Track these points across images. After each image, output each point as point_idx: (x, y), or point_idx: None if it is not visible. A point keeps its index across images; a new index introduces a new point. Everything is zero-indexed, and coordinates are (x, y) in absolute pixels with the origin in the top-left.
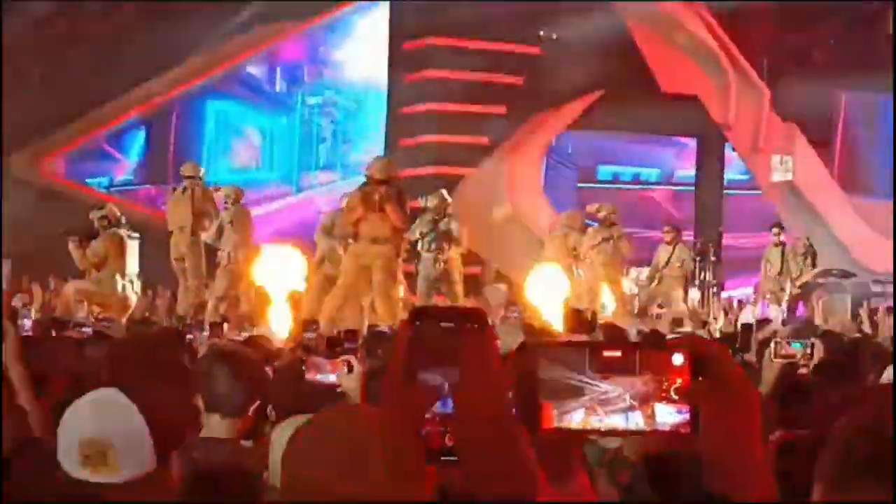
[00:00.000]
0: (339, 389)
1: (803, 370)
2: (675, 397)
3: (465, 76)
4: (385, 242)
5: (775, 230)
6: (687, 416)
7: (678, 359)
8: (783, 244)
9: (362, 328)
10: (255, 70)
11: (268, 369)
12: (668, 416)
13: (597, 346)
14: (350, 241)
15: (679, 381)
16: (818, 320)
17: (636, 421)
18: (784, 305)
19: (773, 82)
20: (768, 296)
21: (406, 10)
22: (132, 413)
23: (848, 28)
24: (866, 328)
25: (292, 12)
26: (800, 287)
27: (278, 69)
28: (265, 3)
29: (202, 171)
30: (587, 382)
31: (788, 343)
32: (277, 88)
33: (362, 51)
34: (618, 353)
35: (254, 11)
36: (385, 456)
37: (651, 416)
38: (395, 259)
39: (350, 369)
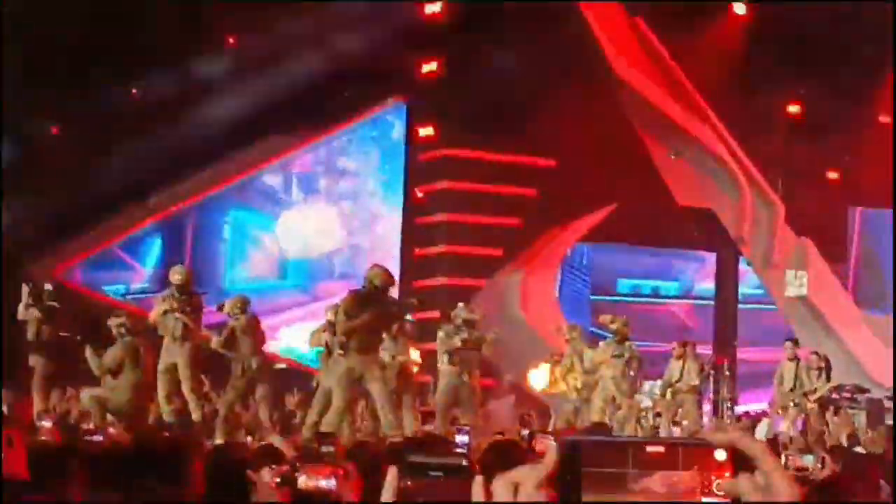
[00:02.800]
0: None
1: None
2: (719, 493)
3: (480, 188)
4: (375, 351)
5: (788, 344)
6: None
7: (721, 455)
8: (797, 359)
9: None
10: (271, 179)
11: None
12: None
13: (639, 443)
14: (338, 350)
15: (726, 475)
16: (830, 435)
17: None
18: (797, 420)
19: (788, 197)
20: (780, 411)
21: (422, 122)
22: None
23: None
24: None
25: (308, 122)
26: (814, 402)
27: (294, 178)
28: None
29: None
30: (631, 478)
31: (800, 455)
32: (294, 197)
33: (379, 162)
34: (661, 449)
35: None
36: None
37: None
38: (405, 368)
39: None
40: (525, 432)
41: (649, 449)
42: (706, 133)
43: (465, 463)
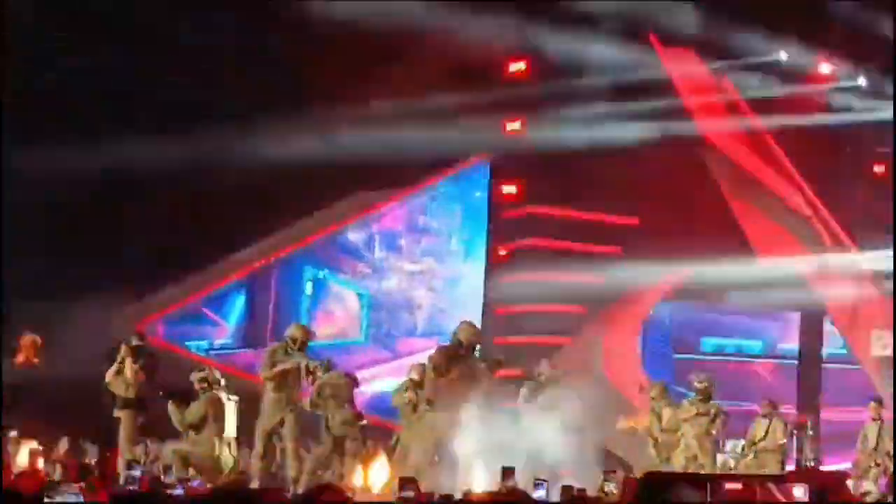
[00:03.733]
0: None
1: None
2: None
3: (563, 245)
4: (457, 410)
5: (873, 405)
6: None
7: (799, 491)
8: (881, 419)
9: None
10: (353, 236)
11: None
12: None
13: (718, 479)
14: (425, 406)
15: None
16: None
17: None
18: (881, 481)
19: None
20: (863, 471)
21: (506, 180)
22: None
23: None
24: None
25: (392, 180)
26: None
27: (377, 236)
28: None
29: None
30: None
31: None
32: (376, 255)
33: (461, 219)
34: (738, 486)
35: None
36: None
37: None
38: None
39: None
40: (609, 488)
41: (728, 485)
42: (788, 189)
43: None
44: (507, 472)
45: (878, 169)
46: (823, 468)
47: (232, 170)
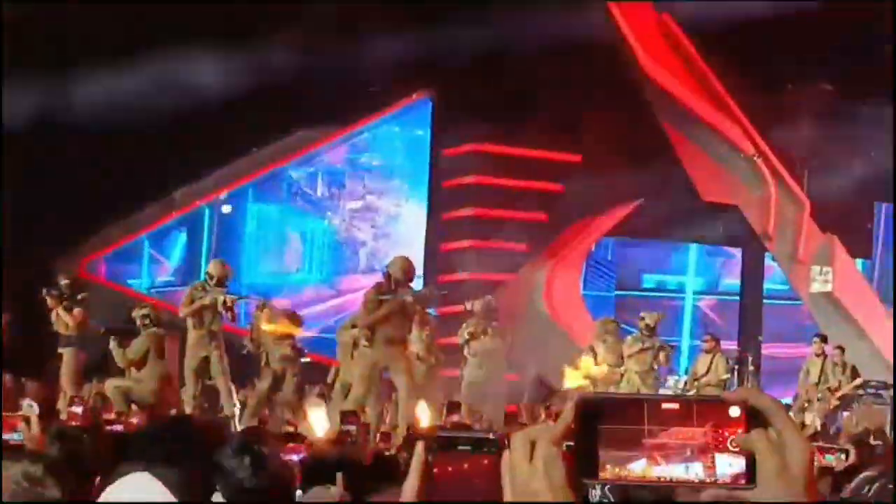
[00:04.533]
0: None
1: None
2: (734, 448)
3: (505, 182)
4: (401, 343)
5: (817, 340)
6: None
7: (734, 411)
8: (824, 355)
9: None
10: (296, 174)
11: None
12: (728, 466)
13: (655, 399)
14: (364, 342)
15: (739, 431)
16: (857, 430)
17: (696, 471)
18: (821, 415)
19: (814, 193)
20: (805, 405)
21: (448, 117)
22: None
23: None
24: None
25: (334, 118)
26: (839, 399)
27: (319, 174)
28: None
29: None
30: (646, 433)
31: (822, 455)
32: (318, 193)
33: (404, 157)
34: (675, 406)
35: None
36: None
37: (711, 467)
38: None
39: None
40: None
41: (664, 405)
42: (732, 128)
43: (492, 437)
44: (453, 406)
45: (822, 104)
46: None
47: (171, 107)
